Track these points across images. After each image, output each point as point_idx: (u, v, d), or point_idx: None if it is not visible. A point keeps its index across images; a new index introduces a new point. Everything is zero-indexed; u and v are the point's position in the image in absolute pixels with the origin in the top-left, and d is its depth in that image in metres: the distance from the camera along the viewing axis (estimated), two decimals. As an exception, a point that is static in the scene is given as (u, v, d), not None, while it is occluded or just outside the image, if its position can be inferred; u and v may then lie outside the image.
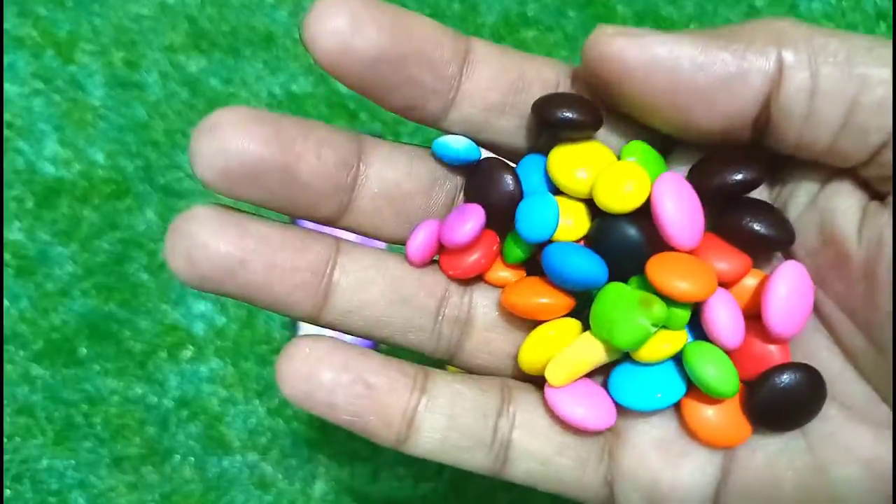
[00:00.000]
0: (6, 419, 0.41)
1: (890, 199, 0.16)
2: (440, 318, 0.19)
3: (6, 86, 0.43)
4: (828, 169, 0.17)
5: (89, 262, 0.42)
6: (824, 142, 0.16)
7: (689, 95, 0.16)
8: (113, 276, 0.42)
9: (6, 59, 0.43)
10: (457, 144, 0.18)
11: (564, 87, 0.18)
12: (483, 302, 0.19)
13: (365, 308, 0.18)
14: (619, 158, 0.18)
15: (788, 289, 0.16)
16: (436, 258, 0.19)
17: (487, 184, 0.18)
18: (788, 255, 0.18)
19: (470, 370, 0.19)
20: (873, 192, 0.17)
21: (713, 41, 0.16)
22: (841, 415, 0.17)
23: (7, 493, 0.41)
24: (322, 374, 0.17)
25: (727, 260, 0.17)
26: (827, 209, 0.17)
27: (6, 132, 0.43)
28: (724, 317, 0.17)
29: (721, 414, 0.17)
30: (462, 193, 0.19)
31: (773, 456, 0.17)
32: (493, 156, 0.19)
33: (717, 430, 0.17)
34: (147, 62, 0.44)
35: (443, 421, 0.18)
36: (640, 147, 0.18)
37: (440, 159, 0.19)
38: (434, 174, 0.19)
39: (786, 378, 0.16)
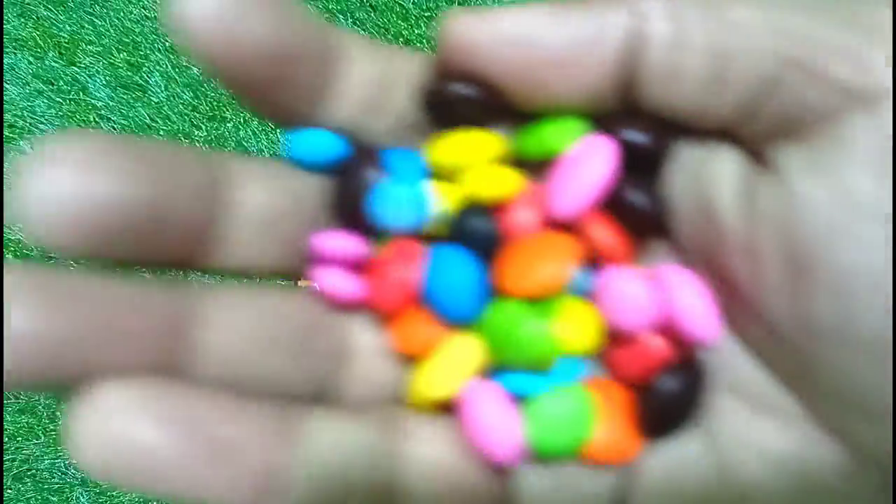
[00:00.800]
0: (8, 419, 0.42)
1: (772, 160, 0.14)
2: (312, 350, 0.16)
3: (8, 87, 0.43)
4: (708, 131, 0.16)
5: (91, 263, 0.43)
6: (691, 101, 0.14)
7: (542, 68, 0.14)
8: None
9: (8, 61, 0.43)
10: (314, 136, 0.16)
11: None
12: (361, 323, 0.17)
13: (240, 362, 0.16)
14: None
15: (686, 291, 0.15)
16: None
17: (366, 180, 0.16)
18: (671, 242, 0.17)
19: (348, 403, 0.16)
20: (755, 155, 0.15)
21: (565, 5, 0.14)
22: (743, 408, 0.16)
23: (8, 492, 0.41)
24: (137, 432, 0.12)
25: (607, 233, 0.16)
26: (705, 179, 0.15)
27: (7, 132, 0.43)
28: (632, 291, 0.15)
29: (608, 428, 0.16)
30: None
31: (673, 464, 0.16)
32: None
33: (604, 446, 0.16)
34: (149, 64, 0.44)
35: (318, 470, 0.14)
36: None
37: (303, 164, 0.16)
38: (289, 190, 0.16)
39: (674, 380, 0.15)
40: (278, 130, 0.43)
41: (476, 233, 0.15)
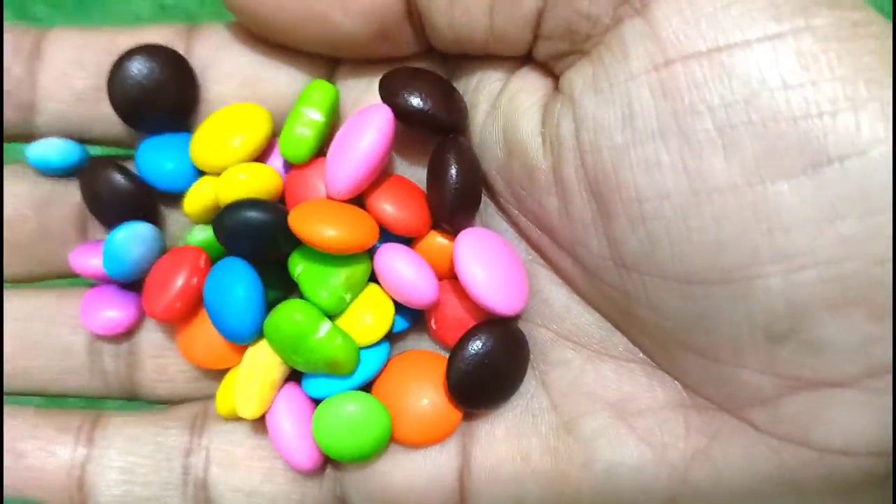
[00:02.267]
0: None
1: (567, 84, 0.13)
2: (95, 353, 0.16)
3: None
4: (508, 62, 0.15)
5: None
6: (480, 23, 0.13)
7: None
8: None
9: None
10: (46, 148, 0.15)
11: (180, 49, 0.16)
12: (143, 324, 0.17)
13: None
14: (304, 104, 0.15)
15: (481, 266, 0.14)
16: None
17: (97, 189, 0.15)
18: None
19: (161, 402, 0.17)
20: (554, 80, 0.14)
21: None
22: (578, 356, 0.15)
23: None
24: None
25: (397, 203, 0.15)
26: (508, 112, 0.14)
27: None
28: (405, 268, 0.15)
29: (423, 409, 0.15)
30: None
31: (513, 424, 0.15)
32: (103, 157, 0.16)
33: (421, 429, 0.15)
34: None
35: (117, 475, 0.15)
36: (320, 90, 0.15)
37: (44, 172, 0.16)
38: (43, 191, 0.16)
39: (475, 347, 0.14)
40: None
41: (234, 230, 0.15)
